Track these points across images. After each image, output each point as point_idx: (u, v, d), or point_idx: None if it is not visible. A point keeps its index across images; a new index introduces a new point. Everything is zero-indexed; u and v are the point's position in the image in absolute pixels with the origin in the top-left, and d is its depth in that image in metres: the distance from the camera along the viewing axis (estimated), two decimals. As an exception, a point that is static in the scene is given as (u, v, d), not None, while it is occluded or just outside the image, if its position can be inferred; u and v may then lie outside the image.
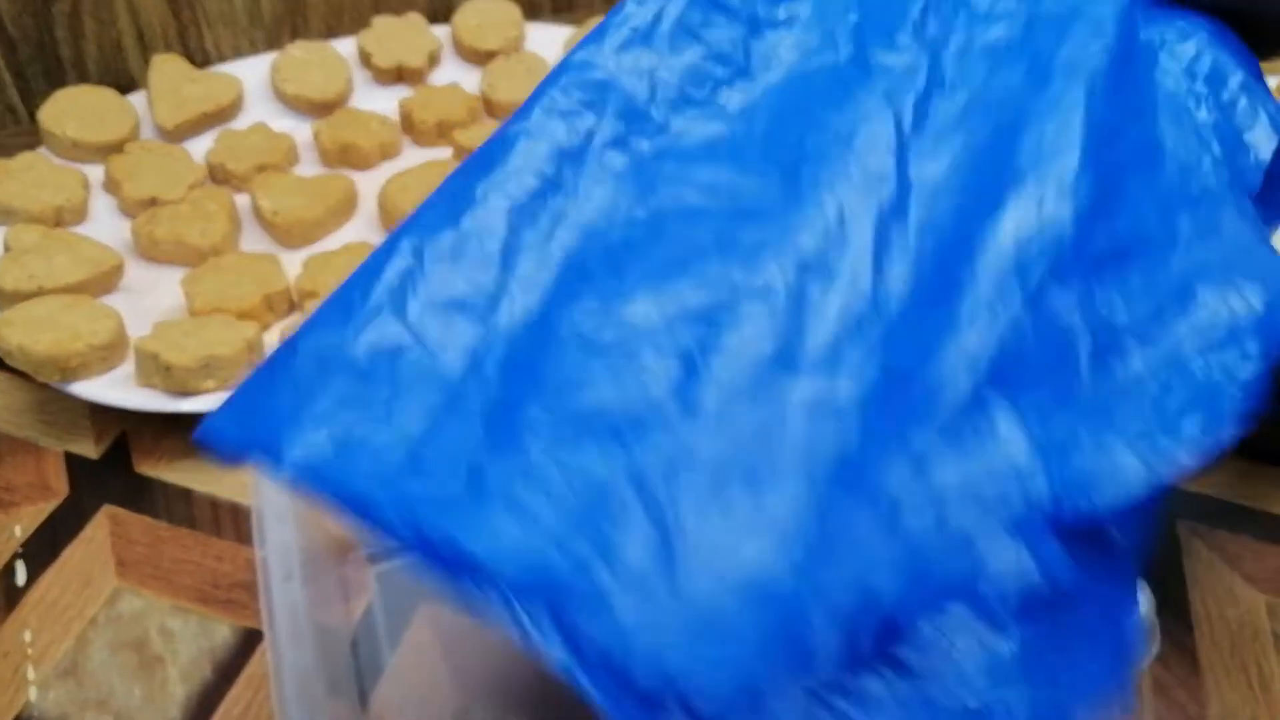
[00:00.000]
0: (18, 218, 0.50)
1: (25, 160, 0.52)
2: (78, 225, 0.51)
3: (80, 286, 0.46)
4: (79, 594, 0.40)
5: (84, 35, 0.58)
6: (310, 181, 0.53)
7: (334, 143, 0.55)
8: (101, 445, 0.45)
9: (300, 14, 0.64)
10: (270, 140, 0.55)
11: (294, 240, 0.52)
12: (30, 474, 0.44)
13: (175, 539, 0.42)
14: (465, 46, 0.62)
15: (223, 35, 0.62)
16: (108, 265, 0.47)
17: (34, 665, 0.38)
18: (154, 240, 0.50)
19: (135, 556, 0.41)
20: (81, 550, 0.41)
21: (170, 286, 0.48)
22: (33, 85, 0.59)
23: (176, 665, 0.38)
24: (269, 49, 0.63)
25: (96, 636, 0.39)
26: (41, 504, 0.43)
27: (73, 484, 0.44)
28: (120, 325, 0.45)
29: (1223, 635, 0.39)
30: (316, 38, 0.64)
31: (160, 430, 0.46)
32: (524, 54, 0.62)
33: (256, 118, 0.58)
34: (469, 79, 0.61)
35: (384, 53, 0.60)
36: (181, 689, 0.38)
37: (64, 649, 0.38)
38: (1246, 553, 0.42)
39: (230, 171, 0.53)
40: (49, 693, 0.37)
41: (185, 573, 0.41)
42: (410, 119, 0.57)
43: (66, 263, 0.47)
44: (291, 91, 0.58)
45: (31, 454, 0.45)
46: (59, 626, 0.39)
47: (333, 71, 0.59)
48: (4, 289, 0.45)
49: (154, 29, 0.60)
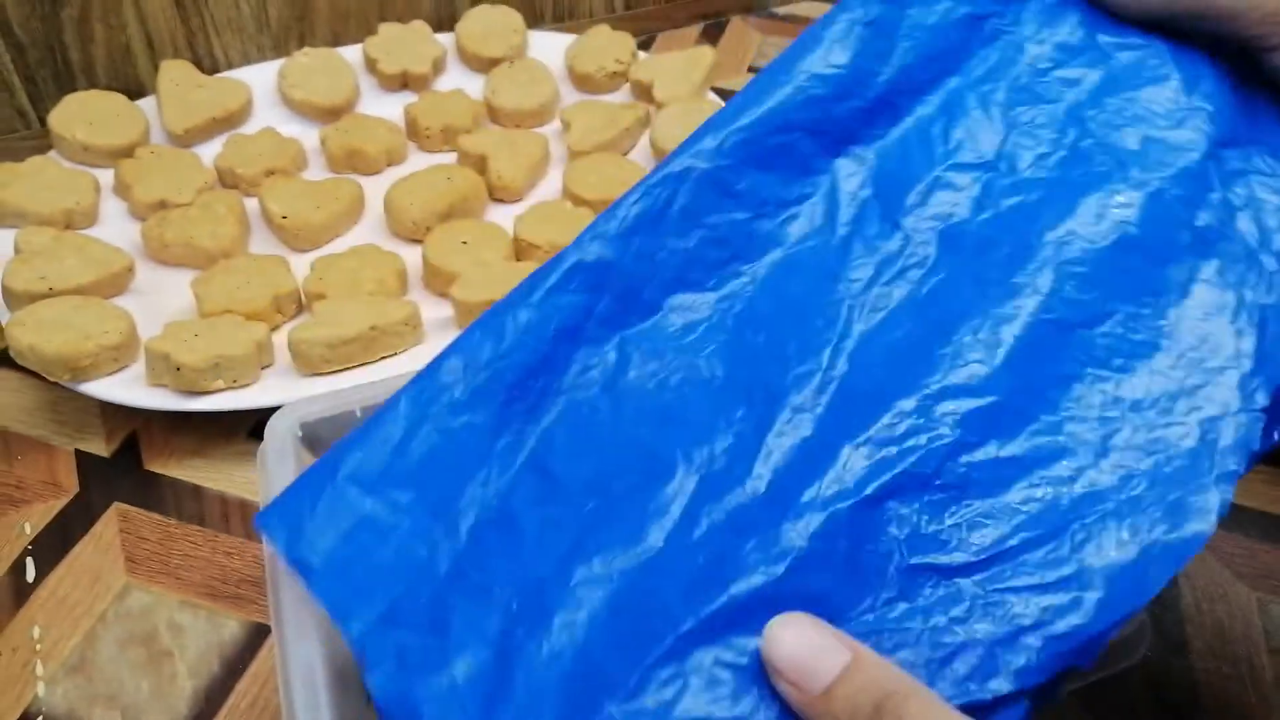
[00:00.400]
0: (29, 220, 0.50)
1: (36, 164, 0.53)
2: (88, 228, 0.52)
3: (91, 288, 0.47)
4: (89, 590, 0.41)
5: (93, 40, 0.59)
6: (318, 185, 0.54)
7: (341, 147, 0.56)
8: (112, 444, 0.46)
9: (307, 21, 0.64)
10: (278, 145, 0.56)
11: (302, 243, 0.52)
12: (41, 472, 0.45)
13: (184, 535, 0.43)
14: (469, 53, 0.63)
15: (230, 42, 0.63)
16: (118, 267, 0.48)
17: (42, 661, 0.38)
18: (164, 243, 0.50)
19: (144, 553, 0.42)
20: (91, 547, 0.42)
21: (180, 288, 0.49)
22: (42, 90, 0.60)
23: (185, 660, 0.39)
24: (276, 55, 0.64)
25: (105, 632, 0.39)
26: (52, 501, 0.44)
27: (83, 481, 0.44)
28: (131, 326, 0.45)
29: (1214, 632, 0.40)
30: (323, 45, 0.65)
31: (170, 429, 0.46)
32: (526, 60, 0.62)
33: (265, 123, 0.58)
34: (473, 85, 0.62)
35: (389, 59, 0.61)
36: (190, 683, 0.38)
37: (73, 644, 0.39)
38: (1238, 550, 0.42)
39: (239, 175, 0.54)
40: (57, 688, 0.38)
41: (194, 569, 0.41)
42: (415, 124, 0.58)
43: (77, 264, 0.47)
44: (299, 97, 0.59)
45: (43, 452, 0.45)
46: (68, 622, 0.40)
47: (339, 78, 0.60)
48: (15, 290, 0.46)
49: (163, 35, 0.61)
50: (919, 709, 0.20)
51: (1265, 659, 0.39)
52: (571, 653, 0.23)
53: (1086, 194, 0.27)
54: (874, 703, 0.20)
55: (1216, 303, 0.25)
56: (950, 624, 0.22)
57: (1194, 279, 0.26)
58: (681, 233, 0.27)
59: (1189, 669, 0.39)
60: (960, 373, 0.25)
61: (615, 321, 0.26)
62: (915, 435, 0.24)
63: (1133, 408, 0.24)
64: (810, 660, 0.21)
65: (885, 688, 0.20)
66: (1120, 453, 0.24)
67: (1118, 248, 0.26)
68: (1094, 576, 0.22)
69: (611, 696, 0.22)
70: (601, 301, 0.26)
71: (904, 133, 0.28)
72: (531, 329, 0.26)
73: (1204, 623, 0.40)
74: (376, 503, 0.25)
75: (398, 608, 0.23)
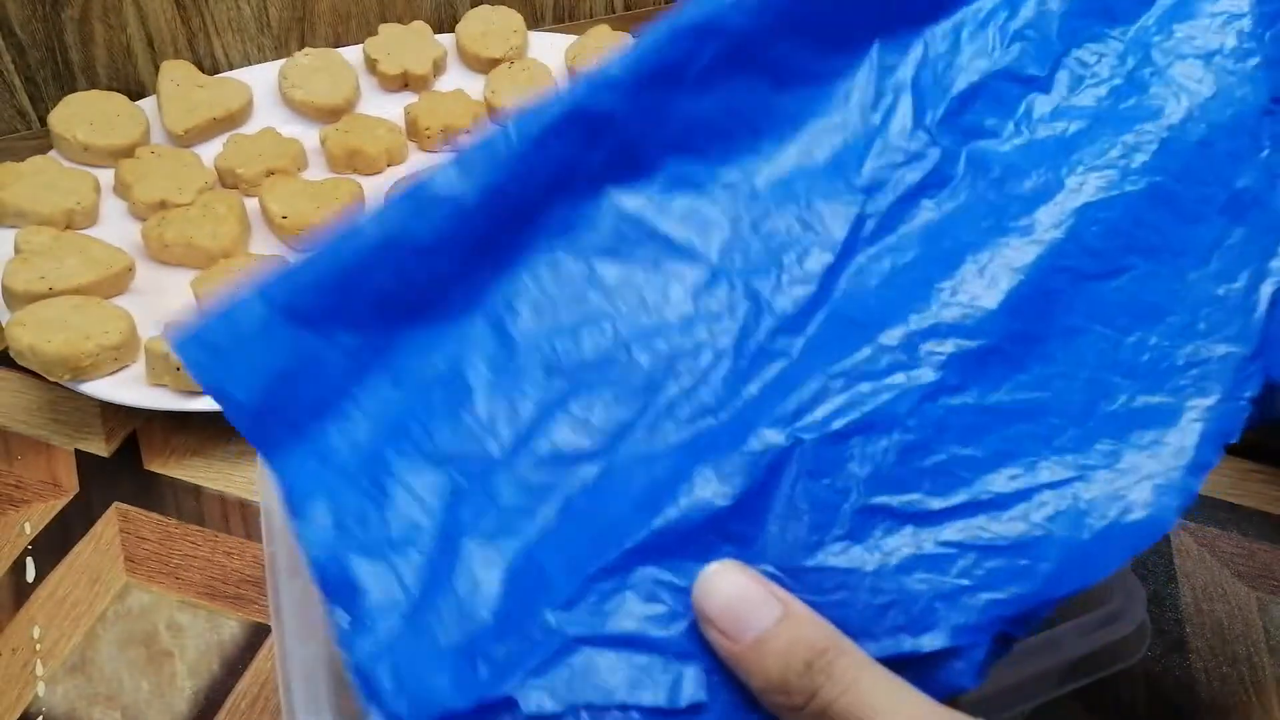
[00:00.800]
0: (29, 220, 0.50)
1: (36, 164, 0.53)
2: (88, 228, 0.52)
3: (91, 288, 0.47)
4: (88, 590, 0.41)
5: (94, 41, 0.59)
6: (318, 186, 0.54)
7: (341, 148, 0.56)
8: (112, 444, 0.46)
9: (308, 22, 0.64)
10: (279, 145, 0.56)
11: (302, 243, 0.52)
12: (41, 471, 0.45)
13: (184, 535, 0.43)
14: (469, 54, 0.63)
15: (231, 42, 0.63)
16: (118, 267, 0.48)
17: (42, 661, 0.38)
18: (164, 243, 0.50)
19: (144, 553, 0.42)
20: (91, 546, 0.42)
21: (180, 288, 0.49)
22: (43, 90, 0.60)
23: (184, 660, 0.39)
24: (277, 56, 0.64)
25: (105, 632, 0.39)
26: (52, 501, 0.44)
27: (83, 481, 0.44)
28: (131, 326, 0.45)
29: (1214, 632, 0.40)
30: (324, 45, 0.65)
31: (170, 429, 0.46)
32: (526, 61, 0.62)
33: (265, 123, 0.58)
34: (473, 86, 0.62)
35: (390, 60, 0.61)
36: (189, 683, 0.38)
37: (73, 644, 0.39)
38: (1237, 550, 0.42)
39: (239, 176, 0.54)
40: (57, 688, 0.38)
41: (194, 568, 0.41)
42: (415, 125, 0.58)
43: (77, 264, 0.47)
44: (299, 98, 0.59)
45: (42, 452, 0.45)
46: (68, 622, 0.40)
47: (340, 78, 0.60)
48: (15, 290, 0.46)
49: (163, 35, 0.61)
50: (849, 667, 0.20)
51: (1265, 658, 0.39)
52: (516, 551, 0.22)
53: (1130, 130, 0.25)
54: (804, 660, 0.20)
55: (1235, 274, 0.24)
56: (895, 571, 0.22)
57: (1219, 245, 0.24)
58: (695, 94, 0.25)
59: (1189, 669, 0.39)
60: (956, 310, 0.24)
61: (608, 177, 0.25)
62: (895, 372, 0.23)
63: (1126, 373, 0.24)
64: (743, 611, 0.21)
65: (816, 645, 0.20)
66: (1101, 421, 0.23)
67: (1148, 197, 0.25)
68: (1049, 548, 0.22)
69: (550, 603, 0.21)
70: (596, 154, 0.24)
71: (960, 21, 0.26)
72: (514, 173, 0.24)
73: (1204, 622, 0.40)
74: (317, 339, 0.23)
75: (333, 453, 0.22)
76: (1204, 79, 0.25)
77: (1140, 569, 0.42)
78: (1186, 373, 0.24)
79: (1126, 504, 0.22)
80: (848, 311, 0.24)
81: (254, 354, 0.23)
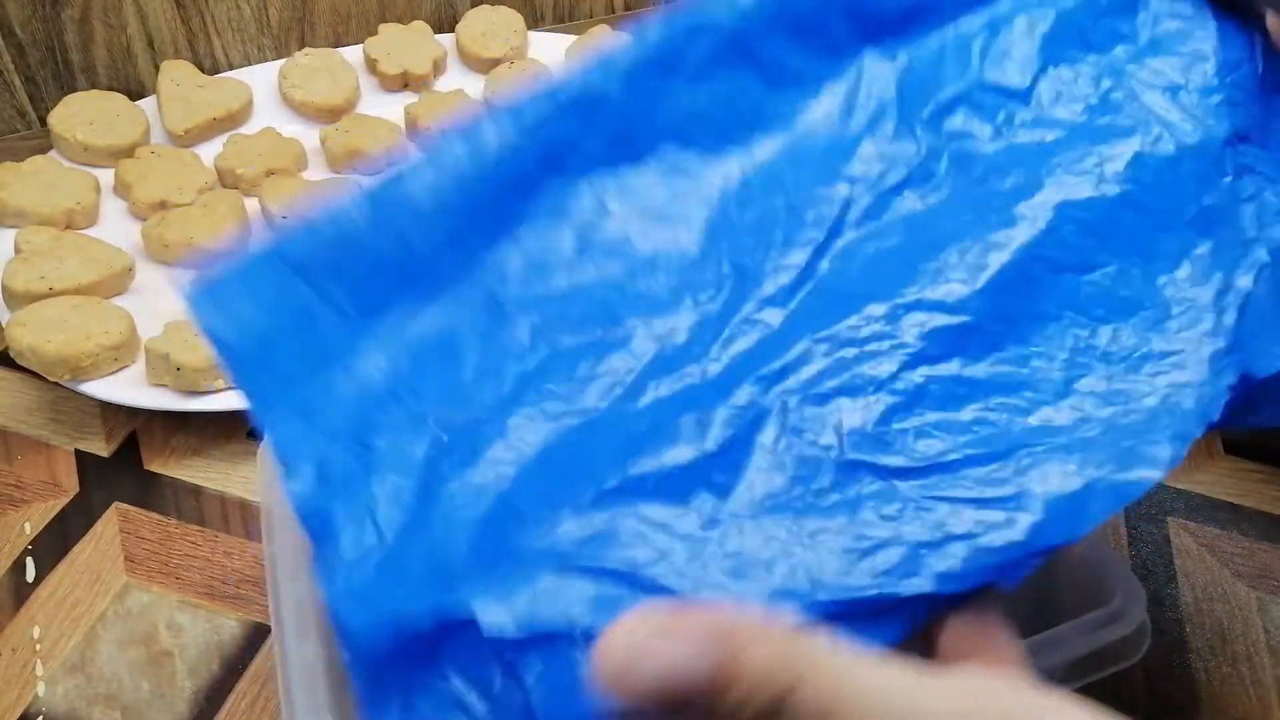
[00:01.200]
0: (29, 220, 0.50)
1: (36, 164, 0.53)
2: (88, 228, 0.52)
3: (91, 288, 0.47)
4: (88, 590, 0.41)
5: (94, 41, 0.59)
6: (318, 185, 0.54)
7: (341, 148, 0.56)
8: (112, 443, 0.46)
9: (308, 22, 0.64)
10: (279, 145, 0.56)
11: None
12: (41, 472, 0.45)
13: (184, 535, 0.43)
14: (469, 54, 0.63)
15: (231, 42, 0.63)
16: (118, 267, 0.48)
17: (42, 661, 0.39)
18: (164, 243, 0.50)
19: (144, 553, 0.42)
20: (91, 547, 0.42)
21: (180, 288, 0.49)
22: (43, 90, 0.60)
23: (184, 660, 0.39)
24: (277, 56, 0.64)
25: (105, 632, 0.39)
26: (52, 501, 0.44)
27: (83, 481, 0.44)
28: (131, 326, 0.45)
29: (1214, 632, 0.40)
30: (324, 45, 0.65)
31: (170, 429, 0.46)
32: (526, 61, 0.62)
33: (265, 123, 0.58)
34: (473, 86, 0.62)
35: (390, 60, 0.61)
36: (189, 683, 0.38)
37: (73, 644, 0.39)
38: (1238, 550, 0.43)
39: (240, 175, 0.54)
40: (57, 688, 0.38)
41: (194, 569, 0.41)
42: (415, 124, 0.58)
43: (77, 264, 0.47)
44: (299, 98, 0.59)
45: (42, 452, 0.46)
46: (68, 622, 0.40)
47: (340, 78, 0.60)
48: (15, 290, 0.46)
49: (163, 35, 0.61)
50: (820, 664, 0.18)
51: (1265, 658, 0.39)
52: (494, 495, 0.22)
53: (1105, 144, 0.27)
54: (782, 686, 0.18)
55: (1205, 279, 0.25)
56: (879, 520, 0.22)
57: (1188, 252, 0.26)
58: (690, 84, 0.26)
59: (1189, 668, 0.39)
60: (939, 289, 0.25)
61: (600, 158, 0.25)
62: (879, 340, 0.24)
63: (1102, 358, 0.24)
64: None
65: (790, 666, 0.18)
66: (1081, 397, 0.24)
67: (1122, 203, 0.26)
68: (1033, 500, 0.22)
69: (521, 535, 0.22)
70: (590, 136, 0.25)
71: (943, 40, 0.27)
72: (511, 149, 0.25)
73: (1204, 622, 0.40)
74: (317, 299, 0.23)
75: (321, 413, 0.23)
76: (1171, 109, 0.27)
77: (1140, 569, 0.42)
78: (1162, 360, 0.24)
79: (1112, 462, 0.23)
80: (833, 286, 0.25)
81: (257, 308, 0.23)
